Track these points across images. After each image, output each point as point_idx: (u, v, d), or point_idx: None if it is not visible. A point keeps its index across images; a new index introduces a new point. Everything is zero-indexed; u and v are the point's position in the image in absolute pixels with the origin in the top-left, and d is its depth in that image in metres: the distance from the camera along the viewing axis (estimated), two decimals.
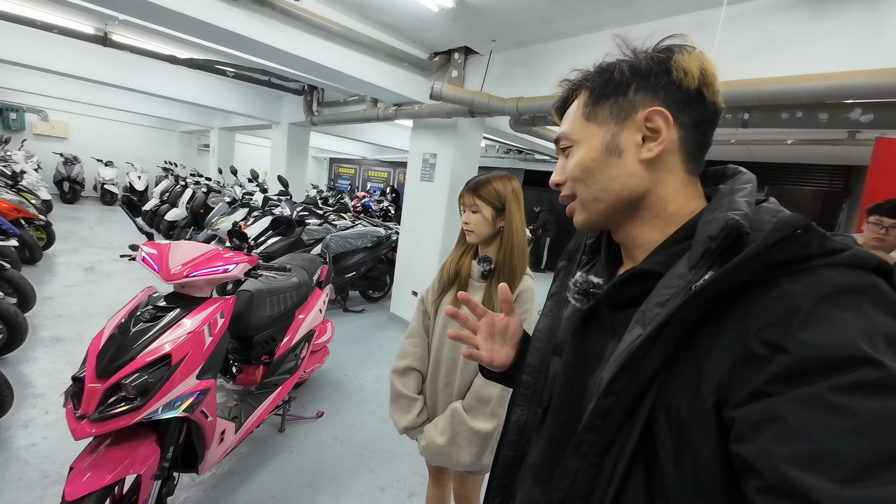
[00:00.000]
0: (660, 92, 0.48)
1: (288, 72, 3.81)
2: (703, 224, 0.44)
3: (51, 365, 2.51)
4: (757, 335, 0.35)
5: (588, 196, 0.52)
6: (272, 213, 4.42)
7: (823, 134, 4.15)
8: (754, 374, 0.35)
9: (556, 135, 0.56)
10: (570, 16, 2.55)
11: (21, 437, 1.90)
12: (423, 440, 1.18)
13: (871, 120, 2.07)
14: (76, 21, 3.58)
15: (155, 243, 1.53)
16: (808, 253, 0.37)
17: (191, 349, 1.35)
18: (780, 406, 0.33)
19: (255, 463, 1.96)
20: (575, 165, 0.52)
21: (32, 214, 4.33)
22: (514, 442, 0.63)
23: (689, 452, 0.38)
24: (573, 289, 0.56)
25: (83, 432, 1.19)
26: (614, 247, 0.59)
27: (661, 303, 0.42)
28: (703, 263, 0.41)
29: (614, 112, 0.50)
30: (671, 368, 0.40)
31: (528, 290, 1.16)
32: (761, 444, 0.33)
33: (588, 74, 0.54)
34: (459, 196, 1.19)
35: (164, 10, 2.25)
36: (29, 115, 9.17)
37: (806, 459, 0.30)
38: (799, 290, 0.35)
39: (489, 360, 0.68)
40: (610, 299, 0.51)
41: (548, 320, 0.64)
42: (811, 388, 0.32)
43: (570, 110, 0.55)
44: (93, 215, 7.89)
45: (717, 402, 0.37)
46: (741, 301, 0.38)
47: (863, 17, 1.80)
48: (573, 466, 0.46)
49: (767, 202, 0.45)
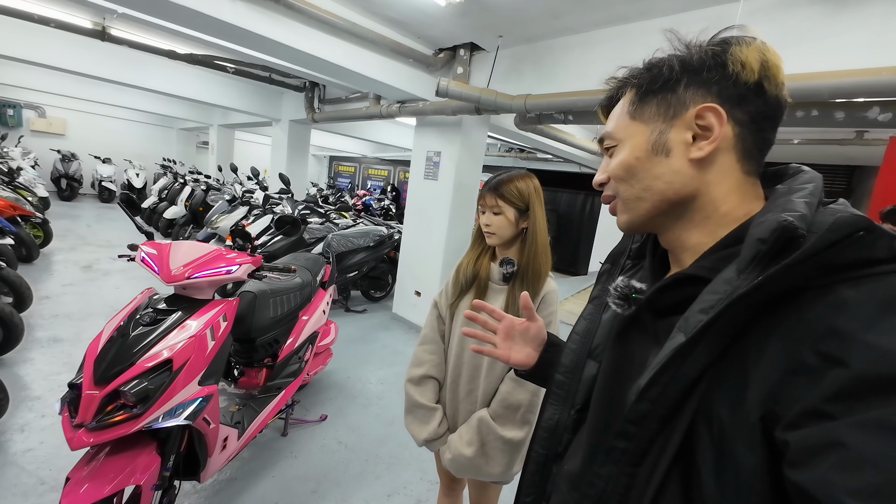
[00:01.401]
0: (713, 87, 0.45)
1: (290, 68, 3.74)
2: (755, 226, 0.41)
3: (48, 366, 2.46)
4: (810, 345, 0.33)
5: (630, 195, 0.50)
6: (273, 211, 4.36)
7: (831, 133, 4.11)
8: (808, 388, 0.32)
9: (600, 134, 0.55)
10: (580, 10, 2.49)
11: (17, 442, 1.85)
12: (448, 452, 1.12)
13: (889, 119, 2.02)
14: (74, 15, 3.51)
15: (155, 243, 1.47)
16: (874, 257, 0.34)
17: (192, 354, 1.30)
18: (841, 431, 0.30)
19: (259, 468, 1.91)
20: (617, 164, 0.50)
21: (29, 212, 4.26)
22: (545, 440, 0.62)
23: (731, 466, 0.36)
24: (614, 293, 0.54)
25: (80, 442, 1.13)
26: (660, 251, 0.56)
27: (705, 309, 0.40)
28: (752, 268, 0.38)
29: (662, 109, 0.48)
30: (714, 377, 0.38)
31: (553, 291, 1.12)
32: (820, 472, 0.30)
33: (635, 71, 0.51)
34: (480, 196, 1.14)
35: (163, 1, 2.19)
36: (26, 111, 9.07)
37: (872, 493, 0.28)
38: (861, 297, 0.33)
39: (506, 358, 0.73)
40: (652, 305, 0.49)
41: (586, 323, 0.64)
42: (878, 411, 0.29)
43: (616, 109, 0.53)
44: (91, 213, 7.81)
45: (765, 415, 0.34)
46: (794, 308, 0.35)
47: (887, 11, 1.75)
48: (604, 473, 0.45)
49: (836, 203, 0.41)
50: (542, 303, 1.09)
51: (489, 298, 1.15)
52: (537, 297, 1.09)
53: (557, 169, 8.60)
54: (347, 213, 5.53)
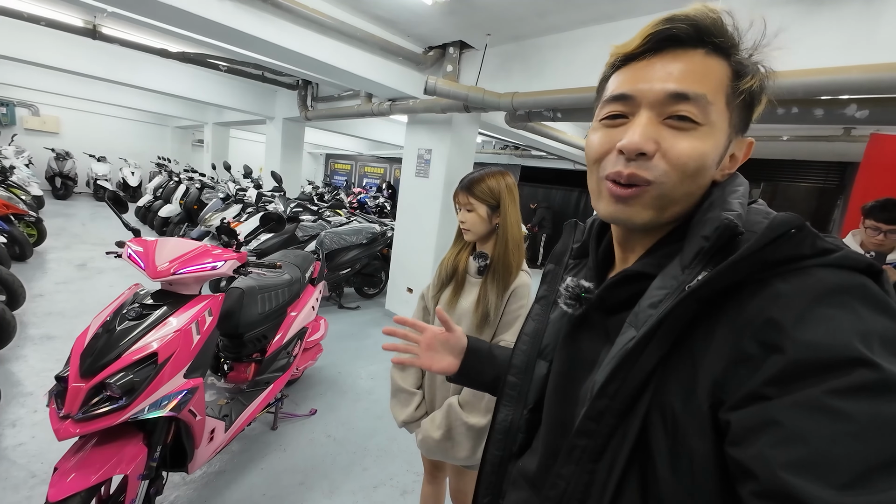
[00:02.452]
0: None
1: (281, 66, 3.76)
2: (697, 224, 0.43)
3: (40, 363, 2.48)
4: (751, 335, 0.35)
5: (675, 194, 0.43)
6: (266, 209, 4.38)
7: (819, 130, 4.15)
8: (749, 374, 0.34)
9: (680, 86, 0.41)
10: (565, 9, 2.52)
11: (8, 437, 1.88)
12: (419, 434, 1.19)
13: (866, 116, 2.06)
14: (64, 13, 3.52)
15: (141, 240, 1.50)
16: (801, 253, 0.36)
17: (178, 347, 1.33)
18: (776, 410, 0.32)
19: (247, 461, 1.94)
20: (695, 152, 0.42)
21: (22, 210, 4.27)
22: (500, 441, 0.63)
23: (685, 455, 0.37)
24: (564, 294, 0.55)
25: (67, 432, 1.16)
26: (602, 249, 0.57)
27: (654, 304, 0.41)
28: (696, 264, 0.40)
29: (741, 118, 0.44)
30: (665, 370, 0.40)
31: (524, 286, 1.15)
32: (758, 448, 0.32)
33: (738, 40, 0.43)
34: (454, 195, 1.19)
35: (153, 2, 2.20)
36: (19, 109, 9.05)
37: (803, 465, 0.30)
38: (792, 290, 0.35)
39: (428, 366, 0.77)
40: (602, 303, 0.50)
41: (534, 323, 0.64)
42: (808, 391, 0.31)
43: (699, 64, 0.42)
44: (85, 211, 7.81)
45: (713, 403, 0.36)
46: (735, 301, 0.37)
47: (859, 12, 1.79)
48: (565, 473, 0.45)
49: (757, 203, 0.45)
50: (512, 296, 1.12)
51: (466, 291, 1.20)
52: (507, 290, 1.12)
53: (552, 166, 8.64)
54: (341, 210, 5.55)
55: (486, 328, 1.13)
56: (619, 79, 0.46)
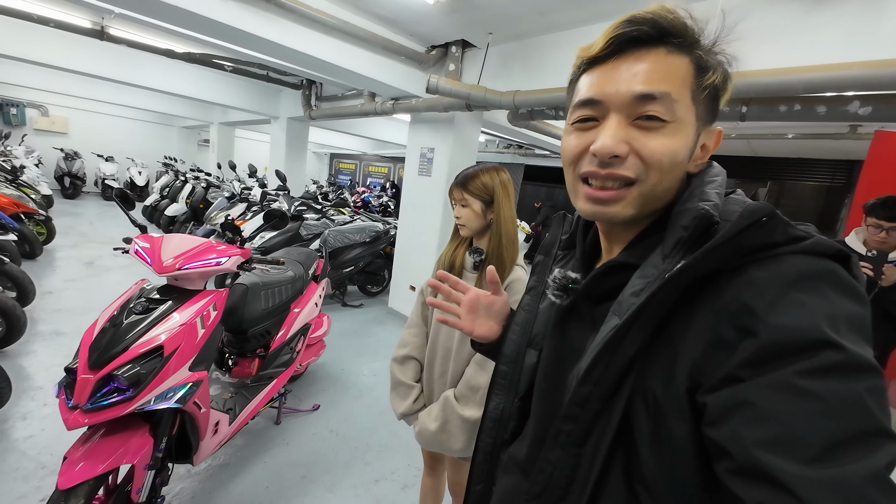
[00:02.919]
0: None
1: (285, 66, 3.79)
2: (676, 215, 0.44)
3: (49, 358, 2.53)
4: (727, 320, 0.37)
5: (655, 191, 0.45)
6: (270, 207, 4.42)
7: (825, 128, 4.12)
8: (725, 358, 0.36)
9: (646, 87, 0.42)
10: (565, 8, 2.52)
11: (19, 429, 1.92)
12: (416, 426, 1.21)
13: (869, 112, 2.05)
14: (72, 15, 3.57)
15: (148, 236, 1.53)
16: (774, 240, 0.37)
17: (183, 341, 1.36)
18: (750, 391, 0.33)
19: (251, 455, 1.98)
20: (667, 149, 0.43)
21: (32, 209, 4.35)
22: (492, 429, 0.64)
23: (666, 437, 0.39)
24: (552, 285, 0.56)
25: (76, 422, 1.20)
26: (589, 240, 0.59)
27: (636, 292, 0.43)
28: (675, 252, 0.42)
29: (707, 110, 0.46)
30: (647, 355, 0.41)
31: (519, 280, 1.17)
32: (732, 427, 0.34)
33: (698, 36, 0.44)
34: (450, 191, 1.21)
35: (158, 3, 2.24)
36: (29, 110, 9.17)
37: (774, 442, 0.32)
38: (765, 276, 0.36)
39: (469, 330, 0.73)
40: (589, 294, 0.51)
41: (525, 313, 0.65)
42: (778, 373, 0.33)
43: (662, 63, 0.43)
44: (93, 210, 7.91)
45: (691, 386, 0.38)
46: (712, 288, 0.39)
47: (861, 8, 1.78)
48: (552, 457, 0.46)
49: (735, 194, 0.46)
50: (507, 290, 1.14)
51: None
52: (502, 285, 1.14)
53: (556, 165, 8.63)
54: (345, 209, 5.59)
55: None
56: (586, 82, 0.47)
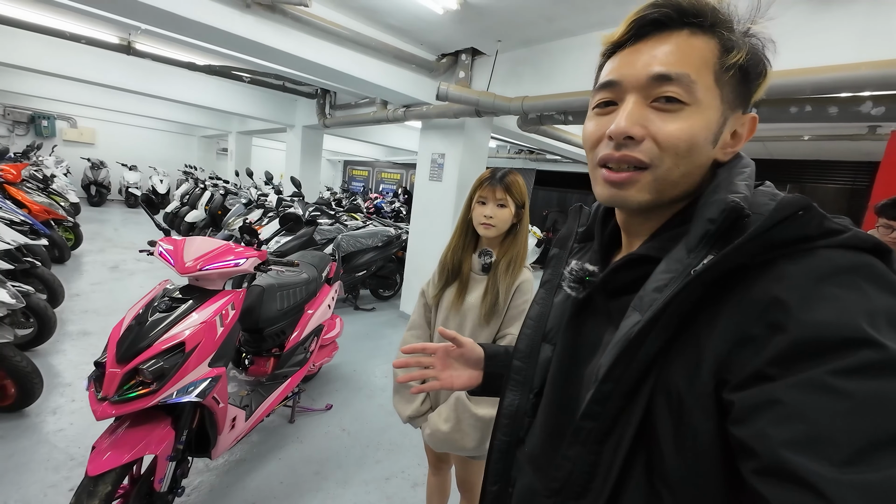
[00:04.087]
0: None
1: (300, 76, 3.92)
2: (702, 207, 0.42)
3: (77, 357, 2.66)
4: (756, 316, 0.35)
5: (670, 176, 0.43)
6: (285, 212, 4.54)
7: (841, 129, 4.05)
8: (753, 354, 0.34)
9: (663, 68, 0.42)
10: (573, 13, 2.57)
11: (49, 423, 2.03)
12: (427, 428, 1.20)
13: (882, 112, 2.02)
14: (102, 31, 3.77)
15: (171, 239, 1.62)
16: (807, 234, 0.36)
17: (203, 338, 1.43)
18: (779, 389, 0.32)
19: (266, 451, 2.04)
20: (686, 134, 0.42)
21: (61, 216, 4.56)
22: (507, 426, 0.63)
23: (689, 435, 0.38)
24: (568, 277, 0.55)
25: (104, 413, 1.27)
26: (607, 233, 0.57)
27: (659, 288, 0.41)
28: (702, 247, 0.40)
29: (737, 94, 0.43)
30: (671, 353, 0.40)
31: (527, 281, 1.18)
32: (759, 426, 0.32)
33: (728, 17, 0.43)
34: (482, 188, 1.15)
35: (182, 19, 2.36)
36: (59, 122, 9.61)
37: (803, 442, 0.30)
38: (798, 270, 0.35)
39: (449, 385, 0.74)
40: (606, 286, 0.50)
41: (539, 307, 0.64)
42: (811, 371, 0.31)
43: (683, 44, 0.42)
44: (118, 217, 8.22)
45: (717, 383, 0.36)
46: (740, 283, 0.37)
47: (870, 8, 1.78)
48: (571, 455, 0.45)
49: (764, 185, 0.44)
50: (517, 291, 1.16)
51: (470, 288, 1.21)
52: (513, 286, 1.16)
53: (567, 170, 8.62)
54: (358, 214, 5.69)
55: (492, 321, 1.16)
56: (608, 67, 0.47)
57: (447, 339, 0.74)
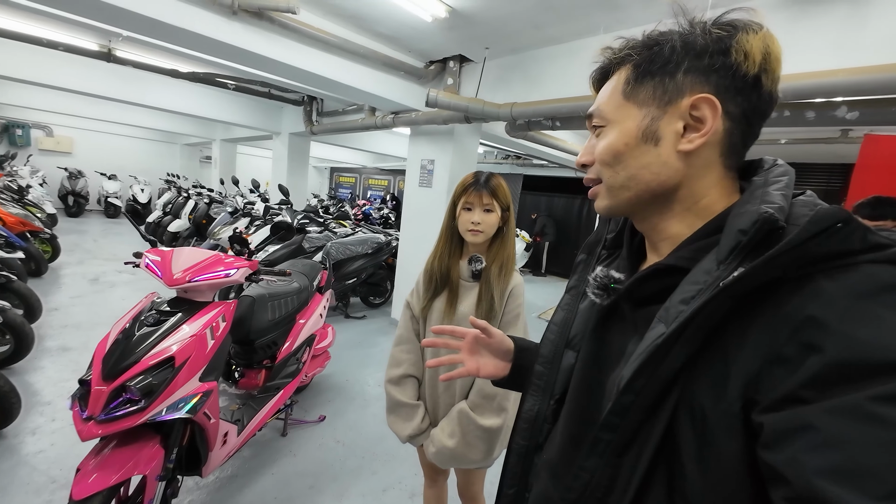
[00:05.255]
0: (712, 76, 0.43)
1: (287, 83, 3.89)
2: (734, 217, 0.41)
3: (57, 373, 2.55)
4: (790, 334, 0.33)
5: (615, 183, 0.48)
6: (274, 220, 4.48)
7: (816, 133, 4.19)
8: (786, 375, 0.33)
9: (589, 110, 0.52)
10: (560, 21, 2.61)
11: (29, 444, 1.94)
12: (432, 446, 1.16)
13: (857, 117, 2.11)
14: (80, 38, 3.68)
15: (158, 250, 1.57)
16: (850, 248, 0.34)
17: (193, 352, 1.38)
18: (813, 415, 0.31)
19: (258, 466, 1.98)
20: (605, 148, 0.48)
21: (38, 227, 4.41)
22: (526, 431, 0.62)
23: (713, 454, 0.36)
24: (593, 283, 0.54)
25: (90, 433, 1.22)
26: (637, 241, 0.56)
27: (685, 300, 0.40)
28: (732, 259, 0.38)
29: (657, 93, 0.45)
30: (696, 367, 0.39)
31: (519, 285, 1.18)
32: (792, 453, 0.31)
33: (634, 44, 0.48)
34: (468, 194, 1.13)
35: (166, 25, 2.32)
36: (34, 130, 9.32)
37: (839, 472, 0.29)
38: (836, 286, 0.33)
39: (475, 372, 0.74)
40: (631, 295, 0.49)
41: (563, 313, 0.63)
42: (849, 396, 0.30)
43: (609, 85, 0.50)
44: (97, 228, 7.98)
45: (745, 403, 0.35)
46: (772, 298, 0.36)
47: (845, 16, 1.85)
48: (589, 466, 0.44)
49: (805, 195, 0.42)
50: (510, 296, 1.15)
51: (462, 297, 1.19)
52: (506, 291, 1.15)
53: (554, 175, 8.72)
54: (346, 221, 5.64)
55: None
56: None
57: (478, 328, 0.73)
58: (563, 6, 2.41)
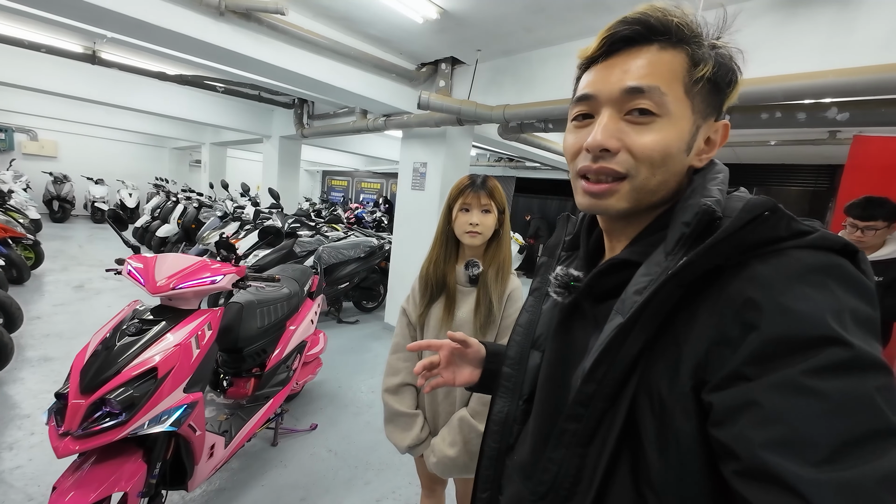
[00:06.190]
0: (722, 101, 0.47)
1: (277, 85, 3.83)
2: (678, 212, 0.44)
3: (37, 385, 2.47)
4: (731, 316, 0.36)
5: (647, 185, 0.45)
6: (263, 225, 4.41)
7: (805, 134, 4.24)
8: (730, 354, 0.35)
9: (635, 82, 0.43)
10: (551, 24, 2.60)
11: (6, 460, 1.86)
12: (433, 456, 1.13)
13: (847, 118, 2.12)
14: (64, 40, 3.60)
15: (141, 256, 1.52)
16: (777, 235, 0.37)
17: (177, 362, 1.33)
18: (756, 391, 0.33)
19: (248, 478, 1.92)
20: (658, 144, 0.44)
21: (20, 234, 4.28)
22: (496, 433, 0.63)
23: (672, 437, 0.38)
24: (554, 283, 0.56)
25: (66, 449, 1.16)
26: (593, 240, 0.58)
27: (639, 290, 0.42)
28: (678, 249, 0.41)
29: (708, 103, 0.45)
30: (651, 354, 0.41)
31: (517, 288, 1.16)
32: (738, 428, 0.33)
33: (696, 31, 0.44)
34: (466, 195, 1.11)
35: (151, 26, 2.27)
36: (18, 134, 9.12)
37: (781, 443, 0.31)
38: (769, 270, 0.36)
39: (451, 382, 0.77)
40: (590, 291, 0.51)
41: (528, 314, 0.65)
42: (785, 371, 0.32)
43: (653, 59, 0.44)
44: (83, 233, 7.82)
45: (696, 384, 0.37)
46: (716, 284, 0.38)
47: (833, 18, 1.86)
48: (556, 457, 0.46)
49: (738, 191, 0.46)
50: (508, 300, 1.13)
51: (459, 302, 1.16)
52: (504, 295, 1.13)
53: (546, 177, 8.74)
54: (339, 225, 5.59)
55: (488, 332, 1.12)
56: (584, 80, 0.49)
57: (456, 341, 0.74)
58: (553, 9, 2.40)
